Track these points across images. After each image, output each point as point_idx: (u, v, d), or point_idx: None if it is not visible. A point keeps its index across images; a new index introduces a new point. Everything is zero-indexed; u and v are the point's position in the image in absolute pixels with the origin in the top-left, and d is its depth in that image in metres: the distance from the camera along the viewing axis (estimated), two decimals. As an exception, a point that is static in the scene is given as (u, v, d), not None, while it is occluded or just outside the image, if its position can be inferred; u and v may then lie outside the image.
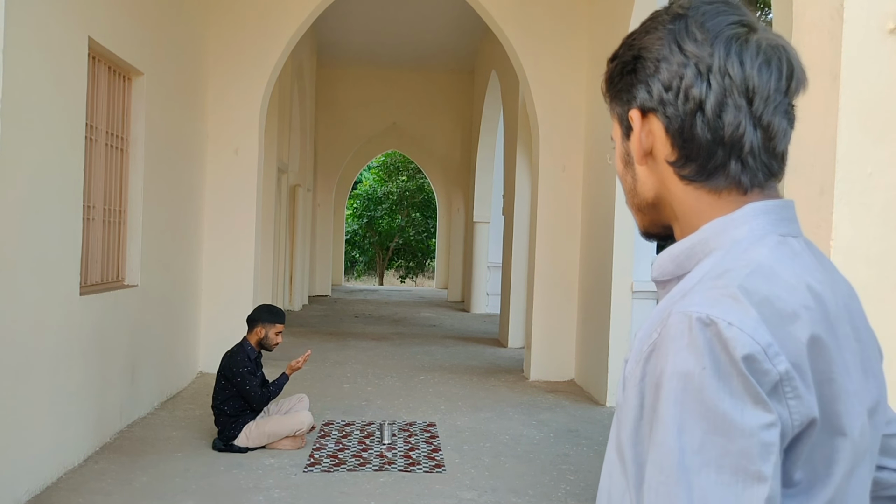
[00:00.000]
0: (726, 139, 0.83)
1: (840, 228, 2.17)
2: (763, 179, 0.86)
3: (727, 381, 0.71)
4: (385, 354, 9.01)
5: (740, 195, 0.85)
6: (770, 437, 0.70)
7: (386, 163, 24.58)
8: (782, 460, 0.73)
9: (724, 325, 0.72)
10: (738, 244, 0.82)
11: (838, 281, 0.88)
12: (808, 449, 0.75)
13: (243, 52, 7.52)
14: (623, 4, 6.73)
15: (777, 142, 0.85)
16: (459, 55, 14.44)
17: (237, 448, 4.97)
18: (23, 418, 3.94)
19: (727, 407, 0.70)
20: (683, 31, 0.84)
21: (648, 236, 0.96)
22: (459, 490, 4.40)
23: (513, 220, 9.79)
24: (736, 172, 0.84)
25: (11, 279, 3.76)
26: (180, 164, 6.68)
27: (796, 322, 0.75)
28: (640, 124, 0.88)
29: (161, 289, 6.20)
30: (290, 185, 12.16)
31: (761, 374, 0.71)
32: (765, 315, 0.74)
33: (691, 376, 0.72)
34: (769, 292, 0.76)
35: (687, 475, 0.70)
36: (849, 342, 0.82)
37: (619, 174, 0.96)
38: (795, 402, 0.73)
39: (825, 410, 0.76)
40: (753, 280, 0.77)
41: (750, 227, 0.83)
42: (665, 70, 0.85)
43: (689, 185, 0.87)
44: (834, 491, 0.77)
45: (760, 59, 0.82)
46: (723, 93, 0.82)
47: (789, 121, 0.86)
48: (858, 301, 0.91)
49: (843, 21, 2.16)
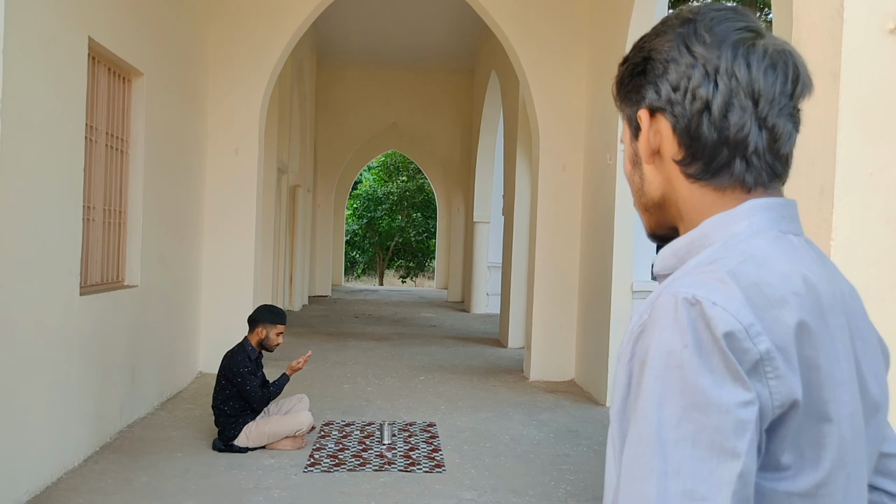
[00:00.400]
0: (731, 139, 0.85)
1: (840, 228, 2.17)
2: (767, 180, 0.87)
3: (708, 359, 0.73)
4: (385, 355, 9.01)
5: (743, 193, 0.87)
6: (746, 414, 0.72)
7: (386, 163, 24.58)
8: (766, 441, 0.75)
9: (709, 304, 0.75)
10: (736, 237, 0.84)
11: (838, 279, 0.89)
12: (794, 432, 0.76)
13: (243, 52, 7.52)
14: (624, 5, 6.73)
15: (782, 143, 0.86)
16: (459, 55, 14.44)
17: (237, 448, 4.97)
18: (23, 418, 3.94)
19: (706, 383, 0.72)
20: (692, 35, 0.87)
21: (655, 237, 0.98)
22: (459, 490, 4.40)
23: (513, 220, 9.79)
24: (740, 171, 0.86)
25: (11, 279, 3.76)
26: (180, 164, 6.68)
27: (784, 307, 0.77)
28: (649, 123, 0.90)
29: (161, 289, 6.20)
30: (290, 185, 12.16)
31: (741, 352, 0.73)
32: (751, 298, 0.76)
33: (673, 353, 0.74)
34: (759, 278, 0.78)
35: (663, 447, 0.72)
36: (842, 333, 0.83)
37: (627, 175, 0.98)
38: (776, 383, 0.74)
39: (811, 395, 0.77)
40: (744, 266, 0.79)
41: (750, 222, 0.85)
42: (673, 71, 0.87)
43: (694, 183, 0.89)
44: (824, 476, 0.78)
45: (766, 62, 0.85)
46: (729, 94, 0.84)
47: (794, 124, 0.87)
48: (860, 302, 0.91)
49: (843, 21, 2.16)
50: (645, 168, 0.93)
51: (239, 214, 7.50)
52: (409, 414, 6.17)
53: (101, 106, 5.14)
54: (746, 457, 0.71)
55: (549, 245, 7.87)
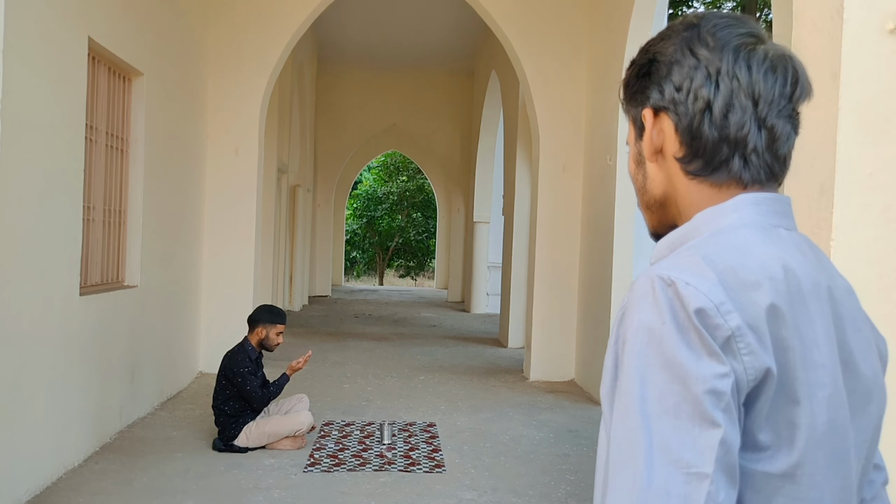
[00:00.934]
0: (731, 137, 0.88)
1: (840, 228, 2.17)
2: (764, 178, 0.90)
3: (685, 335, 0.77)
4: (385, 355, 9.01)
5: (739, 189, 0.90)
6: (722, 385, 0.75)
7: (386, 163, 24.58)
8: (744, 417, 0.78)
9: (682, 284, 0.79)
10: (723, 230, 0.88)
11: (831, 273, 0.91)
12: (769, 410, 0.79)
13: (243, 52, 7.52)
14: (624, 5, 6.73)
15: (780, 144, 0.89)
16: (459, 56, 14.44)
17: (237, 448, 4.97)
18: (23, 418, 3.94)
19: (684, 358, 0.76)
20: (696, 38, 0.90)
21: (657, 237, 1.00)
22: (459, 490, 4.40)
23: (513, 220, 9.79)
24: (738, 168, 0.89)
25: (11, 279, 3.76)
26: (180, 164, 6.68)
27: (758, 290, 0.80)
28: (652, 122, 0.94)
29: (161, 289, 6.20)
30: (290, 185, 12.16)
31: (713, 328, 0.77)
32: (725, 280, 0.80)
33: (653, 330, 0.78)
34: (734, 263, 0.82)
35: (648, 421, 0.75)
36: (824, 319, 0.85)
37: (630, 174, 1.01)
38: (750, 358, 0.78)
39: (783, 375, 0.80)
40: (721, 252, 0.83)
41: (739, 215, 0.88)
42: (677, 72, 0.91)
43: (693, 179, 0.92)
44: (798, 457, 0.80)
45: (767, 65, 0.88)
46: (730, 94, 0.88)
47: (793, 126, 0.91)
48: (856, 298, 0.94)
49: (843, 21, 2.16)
50: (648, 166, 0.96)
51: (239, 214, 7.50)
52: (409, 414, 6.17)
53: (101, 106, 5.14)
54: (726, 425, 0.74)
55: (549, 245, 7.87)
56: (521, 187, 9.72)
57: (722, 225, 0.88)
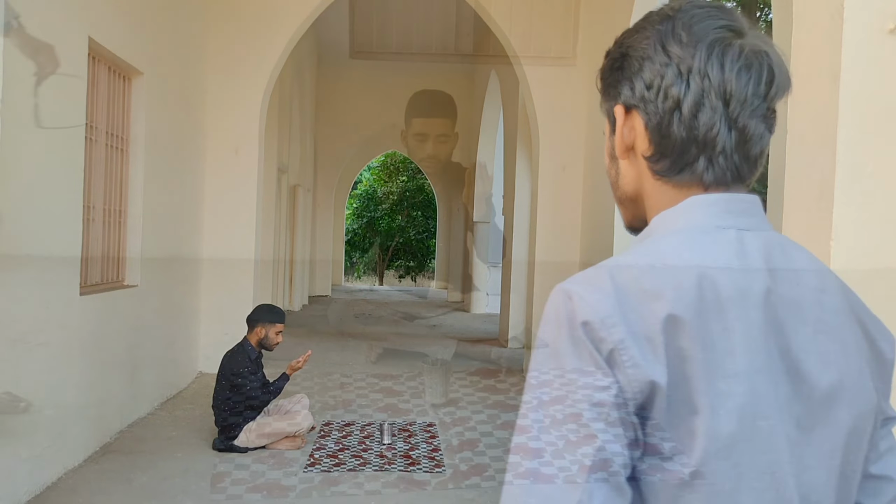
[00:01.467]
0: (700, 138, 0.86)
1: (840, 228, 2.17)
2: (730, 179, 0.88)
3: (577, 346, 0.79)
4: (385, 354, 9.01)
5: (700, 191, 0.88)
6: (602, 397, 0.77)
7: (386, 163, 24.56)
8: (643, 426, 0.78)
9: (576, 296, 0.80)
10: (671, 233, 0.87)
11: (791, 277, 0.87)
12: (667, 418, 0.78)
13: (243, 51, 7.52)
14: (624, 4, 6.72)
15: (752, 145, 0.87)
16: (459, 56, 14.41)
17: (237, 448, 4.97)
18: (23, 418, 3.94)
19: (574, 368, 0.78)
20: (669, 33, 0.87)
21: (633, 230, 1.00)
22: (459, 490, 4.40)
23: (513, 219, 9.79)
24: (701, 169, 0.87)
25: (11, 279, 3.76)
26: (180, 163, 6.67)
27: (658, 301, 0.79)
28: (624, 119, 0.92)
29: (161, 289, 6.20)
30: (290, 185, 12.15)
31: (598, 340, 0.78)
32: (622, 291, 0.80)
33: (551, 341, 0.81)
34: (641, 272, 0.82)
35: (539, 428, 0.78)
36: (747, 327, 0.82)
37: (606, 167, 1.00)
38: (633, 371, 0.77)
39: (681, 385, 0.78)
40: (638, 259, 0.83)
41: (686, 217, 0.87)
42: (648, 69, 0.88)
43: (659, 180, 0.90)
44: (697, 466, 0.78)
45: (741, 63, 0.85)
46: (700, 94, 0.85)
47: (767, 125, 0.88)
48: (834, 299, 0.89)
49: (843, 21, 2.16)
50: (620, 163, 0.95)
51: (239, 214, 7.50)
52: (409, 414, 6.17)
53: (101, 105, 5.14)
54: (603, 435, 0.76)
55: (549, 245, 7.87)
56: (521, 187, 9.72)
57: (670, 228, 0.87)
